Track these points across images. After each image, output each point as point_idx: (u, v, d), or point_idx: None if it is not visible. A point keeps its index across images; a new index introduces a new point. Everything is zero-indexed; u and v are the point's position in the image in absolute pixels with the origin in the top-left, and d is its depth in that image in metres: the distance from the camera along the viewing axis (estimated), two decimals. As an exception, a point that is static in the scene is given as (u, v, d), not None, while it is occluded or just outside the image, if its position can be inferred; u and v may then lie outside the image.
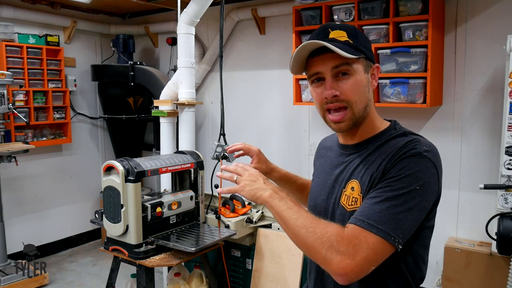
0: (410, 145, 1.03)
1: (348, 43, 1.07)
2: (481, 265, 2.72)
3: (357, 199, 1.08)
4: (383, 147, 1.10)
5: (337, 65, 1.07)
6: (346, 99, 1.08)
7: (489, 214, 2.52)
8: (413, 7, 2.76)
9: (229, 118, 3.76)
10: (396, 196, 0.98)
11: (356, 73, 1.09)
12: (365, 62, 1.11)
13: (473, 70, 2.91)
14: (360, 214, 1.00)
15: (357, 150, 1.16)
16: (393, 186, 0.99)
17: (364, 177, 1.08)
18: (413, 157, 1.01)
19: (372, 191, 1.03)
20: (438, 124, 3.05)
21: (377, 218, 0.96)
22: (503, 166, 2.46)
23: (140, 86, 4.34)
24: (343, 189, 1.14)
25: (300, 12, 3.23)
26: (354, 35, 1.10)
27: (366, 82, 1.12)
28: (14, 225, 4.10)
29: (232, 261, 3.18)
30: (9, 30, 3.87)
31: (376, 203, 0.99)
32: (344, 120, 1.10)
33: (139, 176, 2.42)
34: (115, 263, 2.61)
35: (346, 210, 1.10)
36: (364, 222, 0.97)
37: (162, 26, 4.57)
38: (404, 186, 0.98)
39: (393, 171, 1.01)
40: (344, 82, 1.08)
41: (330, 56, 1.07)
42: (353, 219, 1.00)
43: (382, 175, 1.03)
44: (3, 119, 3.56)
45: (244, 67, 4.09)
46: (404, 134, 1.12)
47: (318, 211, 1.20)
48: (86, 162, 4.80)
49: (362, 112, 1.11)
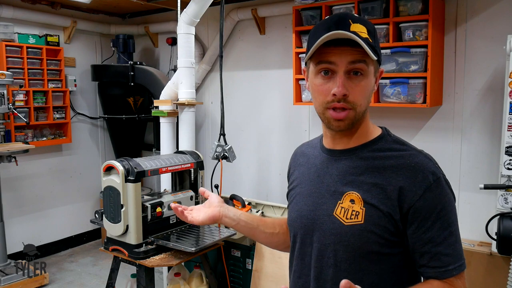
0: (430, 170, 1.01)
1: (368, 41, 0.98)
2: (481, 265, 2.72)
3: (359, 213, 1.01)
4: (386, 160, 1.04)
5: (355, 61, 0.99)
6: (353, 101, 1.01)
7: (489, 214, 2.52)
8: (413, 7, 2.76)
9: (229, 118, 3.76)
10: (454, 225, 1.02)
11: (369, 75, 1.02)
12: (376, 66, 1.05)
13: (473, 70, 2.91)
14: (445, 263, 1.00)
15: (349, 156, 1.08)
16: (449, 219, 1.01)
17: (369, 192, 1.02)
18: (440, 182, 1.01)
19: (426, 233, 1.00)
20: (438, 124, 3.05)
21: (459, 256, 1.01)
22: (503, 166, 2.46)
23: (140, 86, 4.34)
24: (338, 200, 1.05)
25: (300, 12, 3.23)
26: (374, 34, 1.03)
27: (372, 87, 1.06)
28: (14, 225, 4.09)
29: (232, 261, 3.18)
30: (9, 30, 3.87)
31: (447, 244, 1.00)
32: (346, 119, 1.03)
33: (139, 176, 2.42)
34: (115, 263, 2.61)
35: (343, 224, 1.03)
36: (456, 269, 1.00)
37: (162, 26, 4.57)
38: (453, 213, 1.02)
39: (437, 206, 1.00)
40: (355, 83, 1.00)
41: (349, 50, 0.98)
42: (446, 272, 1.00)
43: (417, 210, 0.99)
44: (3, 119, 3.56)
45: (244, 67, 4.09)
46: (398, 142, 1.09)
47: (304, 223, 1.11)
48: (86, 162, 4.80)
49: (361, 115, 1.05)
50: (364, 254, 1.01)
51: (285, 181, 1.31)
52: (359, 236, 1.01)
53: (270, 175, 3.95)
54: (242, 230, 1.30)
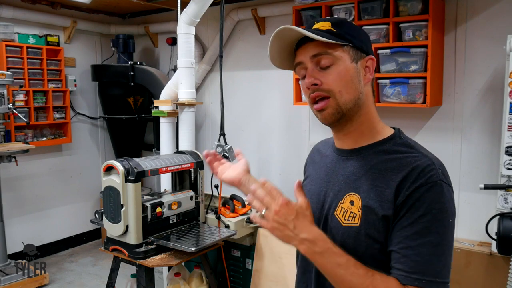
0: (428, 172, 0.96)
1: (330, 31, 1.02)
2: (481, 265, 2.72)
3: (356, 215, 1.00)
4: (389, 162, 1.01)
5: (316, 54, 1.02)
6: (328, 88, 1.02)
7: (489, 214, 2.52)
8: (413, 7, 2.76)
9: (229, 118, 3.76)
10: (438, 237, 0.94)
11: (340, 62, 1.01)
12: (353, 51, 1.03)
13: (473, 70, 2.91)
14: (411, 268, 0.93)
15: (355, 156, 1.07)
16: (431, 227, 0.93)
17: (368, 194, 1.00)
18: (436, 187, 0.95)
19: (401, 231, 0.95)
20: (438, 124, 3.05)
21: (432, 271, 0.92)
22: (503, 166, 2.46)
23: (140, 86, 4.34)
24: (339, 200, 1.05)
25: (300, 12, 3.23)
26: (339, 24, 1.04)
27: (354, 72, 1.03)
28: (14, 225, 4.09)
29: (232, 261, 3.18)
30: (9, 30, 3.88)
31: (420, 251, 0.93)
32: (327, 107, 1.03)
33: (139, 176, 2.42)
34: (115, 263, 2.61)
35: (341, 224, 1.03)
36: (421, 281, 0.92)
37: (162, 26, 4.57)
38: (440, 224, 0.94)
39: (422, 207, 0.94)
40: (326, 71, 1.02)
41: (311, 45, 1.02)
42: (407, 278, 0.92)
43: (402, 205, 0.95)
44: (3, 119, 3.56)
45: (244, 67, 4.09)
46: (407, 145, 1.04)
47: None
48: (86, 162, 4.80)
49: (350, 104, 1.03)
50: (357, 257, 0.98)
51: (285, 181, 1.32)
52: (354, 238, 1.00)
53: (270, 175, 3.95)
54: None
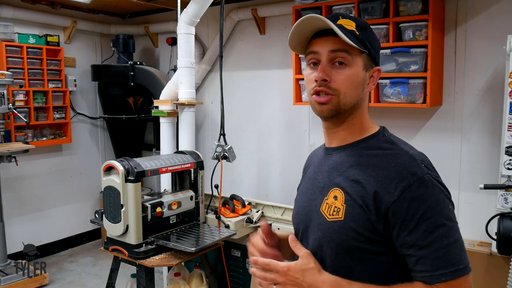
0: (411, 169, 0.97)
1: (354, 33, 1.02)
2: (481, 265, 2.72)
3: (340, 209, 1.02)
4: (371, 158, 1.03)
5: (336, 49, 1.02)
6: (336, 87, 1.03)
7: (489, 214, 2.51)
8: (413, 7, 2.76)
9: (229, 118, 3.76)
10: (446, 227, 0.95)
11: (354, 66, 1.03)
12: (367, 59, 1.06)
13: (473, 70, 2.91)
14: (433, 267, 0.94)
15: (339, 153, 1.10)
16: (436, 221, 0.95)
17: (350, 189, 1.02)
18: (424, 182, 0.96)
19: (410, 236, 0.95)
20: (438, 124, 3.05)
21: (453, 261, 0.95)
22: (503, 166, 2.46)
23: (140, 86, 4.34)
24: (324, 196, 1.07)
25: (300, 12, 3.23)
26: (363, 28, 1.05)
27: (362, 80, 1.06)
28: (14, 225, 4.09)
29: (232, 261, 3.18)
30: (9, 30, 3.88)
31: (435, 247, 0.94)
32: (328, 103, 1.04)
33: (139, 176, 2.42)
34: (115, 263, 2.61)
35: (326, 220, 1.04)
36: (447, 275, 0.94)
37: (162, 26, 4.57)
38: (443, 215, 0.95)
39: (420, 206, 0.94)
40: (339, 71, 1.03)
41: (332, 39, 1.02)
42: (432, 277, 0.94)
43: (397, 208, 0.95)
44: (3, 119, 3.56)
45: (244, 67, 4.09)
46: (389, 141, 1.06)
47: (301, 219, 1.14)
48: (86, 162, 4.80)
49: (348, 106, 1.05)
50: (345, 251, 1.00)
51: (285, 181, 1.32)
52: (339, 233, 1.01)
53: (270, 175, 3.95)
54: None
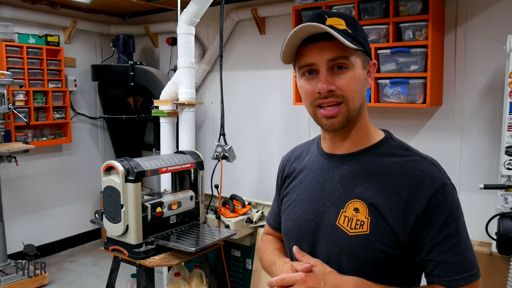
0: (435, 176, 0.97)
1: (347, 32, 0.95)
2: (481, 265, 2.68)
3: (364, 222, 0.96)
4: (390, 166, 1.00)
5: (335, 58, 0.95)
6: (342, 94, 0.96)
7: (489, 214, 2.51)
8: (413, 7, 2.76)
9: (229, 118, 3.76)
10: (463, 232, 0.98)
11: (354, 67, 0.97)
12: (363, 56, 1.00)
13: (473, 70, 2.91)
14: (452, 271, 0.96)
15: (351, 161, 1.03)
16: (457, 226, 0.97)
17: (375, 200, 0.97)
18: (446, 188, 0.97)
19: (431, 241, 0.95)
20: (438, 124, 3.05)
21: (469, 265, 0.98)
22: (503, 166, 2.46)
23: (140, 86, 4.34)
24: (341, 209, 1.00)
25: (300, 12, 3.23)
26: (353, 25, 0.98)
27: (363, 78, 1.00)
28: (14, 225, 4.09)
29: (232, 261, 3.18)
30: (9, 30, 3.87)
31: (455, 252, 0.96)
32: (338, 115, 0.98)
33: (139, 176, 2.42)
34: (115, 263, 2.61)
35: (347, 234, 0.97)
36: (465, 279, 0.96)
37: (162, 26, 4.57)
38: (461, 220, 0.98)
39: (443, 212, 0.95)
40: (341, 77, 0.96)
41: (327, 45, 0.95)
42: (452, 281, 0.95)
43: (423, 215, 0.95)
44: (3, 119, 3.56)
45: (244, 67, 4.09)
46: (402, 147, 1.04)
47: (304, 233, 1.05)
48: (86, 162, 4.80)
49: (357, 111, 1.00)
50: (368, 265, 0.97)
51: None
52: (364, 247, 0.96)
53: (270, 175, 3.95)
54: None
